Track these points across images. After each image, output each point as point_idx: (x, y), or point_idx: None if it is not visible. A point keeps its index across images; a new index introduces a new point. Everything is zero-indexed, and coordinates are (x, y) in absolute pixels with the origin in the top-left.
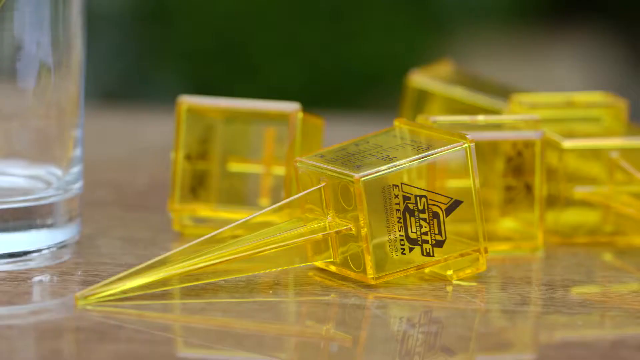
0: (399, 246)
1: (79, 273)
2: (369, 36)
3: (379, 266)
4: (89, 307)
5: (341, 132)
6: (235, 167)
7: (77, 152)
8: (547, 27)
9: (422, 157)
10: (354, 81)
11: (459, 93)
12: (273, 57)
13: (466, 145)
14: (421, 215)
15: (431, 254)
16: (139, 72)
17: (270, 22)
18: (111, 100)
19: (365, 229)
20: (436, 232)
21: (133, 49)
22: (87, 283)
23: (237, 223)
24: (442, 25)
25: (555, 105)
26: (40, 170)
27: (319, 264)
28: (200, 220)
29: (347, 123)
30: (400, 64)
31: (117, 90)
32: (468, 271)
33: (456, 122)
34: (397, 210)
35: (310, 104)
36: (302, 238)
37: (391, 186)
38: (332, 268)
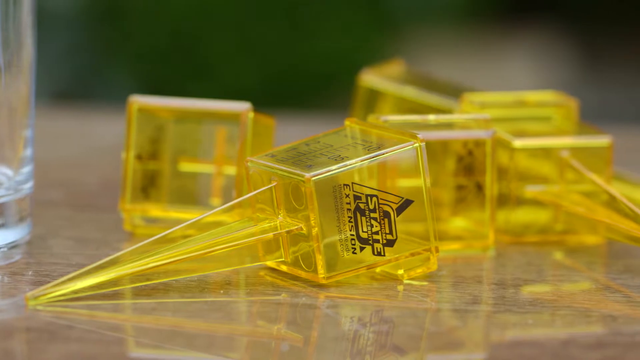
0: (350, 246)
1: (30, 273)
2: (323, 35)
3: (330, 266)
4: (39, 307)
5: (293, 131)
6: (186, 166)
7: (28, 152)
8: (500, 27)
9: (373, 157)
10: (308, 80)
11: (410, 92)
12: (227, 56)
13: (417, 144)
14: (372, 215)
15: (382, 254)
16: (93, 72)
17: (225, 21)
18: (65, 100)
19: (316, 229)
20: (387, 231)
21: (87, 48)
22: (38, 283)
23: (188, 223)
24: (396, 24)
25: (506, 105)
26: None
27: (270, 263)
28: (151, 220)
29: (299, 122)
30: (353, 63)
31: (70, 90)
32: (419, 270)
33: (407, 121)
34: (348, 209)
35: (264, 103)
36: (253, 238)
37: (342, 186)
38: (283, 268)
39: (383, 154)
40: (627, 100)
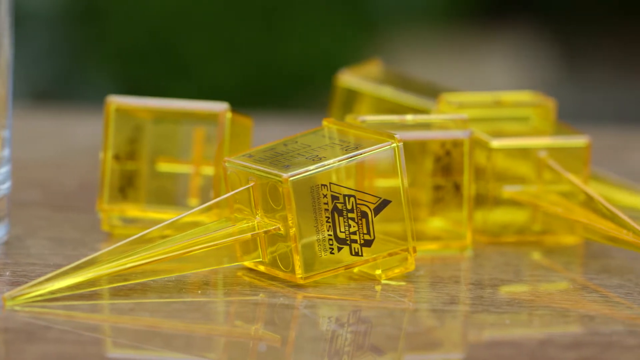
0: (328, 246)
1: (8, 274)
2: (302, 35)
3: (308, 266)
4: (17, 308)
5: (272, 131)
6: (164, 167)
7: (5, 152)
8: (479, 27)
9: (351, 157)
10: (287, 80)
11: (388, 93)
12: (206, 56)
13: (394, 144)
14: (350, 215)
15: (360, 254)
16: (72, 72)
17: (203, 21)
18: (44, 101)
19: (294, 229)
20: (365, 231)
21: (65, 48)
22: (15, 284)
23: (166, 223)
24: (376, 24)
25: (484, 105)
26: None
27: (247, 263)
28: (129, 221)
29: (277, 123)
30: (332, 64)
31: (49, 90)
32: (397, 271)
33: (385, 121)
34: (326, 210)
35: (243, 104)
36: (231, 238)
37: (320, 186)
38: (261, 268)
39: (361, 154)
40: (606, 100)
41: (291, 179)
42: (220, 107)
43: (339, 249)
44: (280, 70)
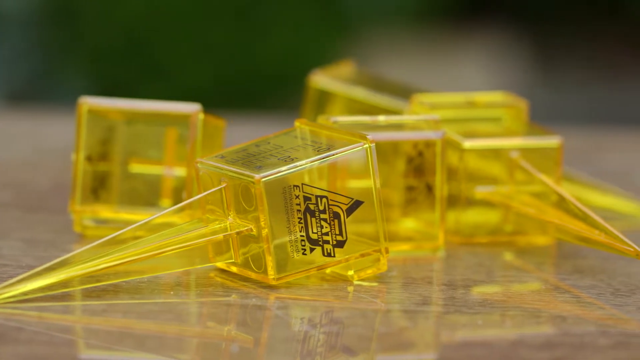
0: (300, 247)
1: None
2: (277, 36)
3: (280, 267)
4: None
5: (246, 132)
6: (136, 168)
7: None
8: (453, 28)
9: (323, 158)
10: (262, 81)
11: (360, 93)
12: (181, 57)
13: (367, 145)
14: (322, 216)
15: (332, 255)
16: (47, 73)
17: (179, 22)
18: (18, 102)
19: (266, 230)
20: (337, 232)
21: (40, 49)
22: None
23: (138, 224)
24: (351, 25)
25: (456, 106)
26: None
27: (220, 264)
28: (101, 222)
29: (250, 123)
30: (307, 64)
31: (24, 92)
32: (369, 271)
33: (357, 122)
34: (298, 210)
35: (218, 104)
36: (204, 239)
37: (292, 187)
38: (233, 269)
39: (333, 154)
40: (579, 101)
41: (263, 179)
42: (192, 108)
43: (312, 250)
44: (255, 71)
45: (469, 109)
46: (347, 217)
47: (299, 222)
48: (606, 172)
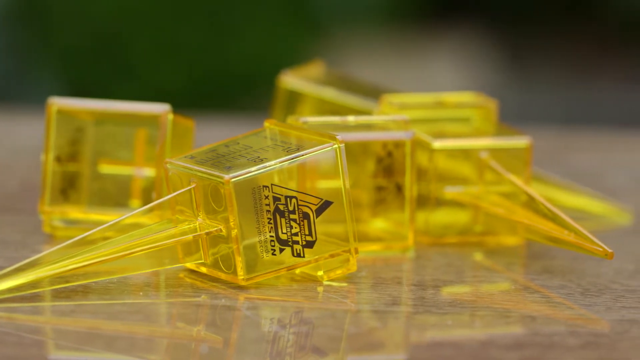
0: (270, 247)
1: None
2: (247, 37)
3: (250, 267)
4: None
5: (217, 132)
6: (105, 168)
7: None
8: (424, 28)
9: (292, 158)
10: (233, 82)
11: (330, 94)
12: (152, 57)
13: (336, 146)
14: (291, 216)
15: (302, 255)
16: (16, 73)
17: (149, 22)
18: None
19: (236, 230)
20: (307, 232)
21: (9, 49)
22: None
23: (107, 225)
24: (321, 25)
25: (426, 106)
26: None
27: (189, 265)
28: (71, 222)
29: (221, 124)
30: (278, 65)
31: None
32: (339, 272)
33: (326, 123)
34: (268, 211)
35: (189, 105)
36: (173, 239)
37: (261, 187)
38: (203, 269)
39: (302, 155)
40: (550, 101)
41: (233, 180)
42: (161, 108)
43: (281, 250)
44: (225, 72)
45: (438, 109)
46: (317, 217)
47: (269, 223)
48: (576, 173)
